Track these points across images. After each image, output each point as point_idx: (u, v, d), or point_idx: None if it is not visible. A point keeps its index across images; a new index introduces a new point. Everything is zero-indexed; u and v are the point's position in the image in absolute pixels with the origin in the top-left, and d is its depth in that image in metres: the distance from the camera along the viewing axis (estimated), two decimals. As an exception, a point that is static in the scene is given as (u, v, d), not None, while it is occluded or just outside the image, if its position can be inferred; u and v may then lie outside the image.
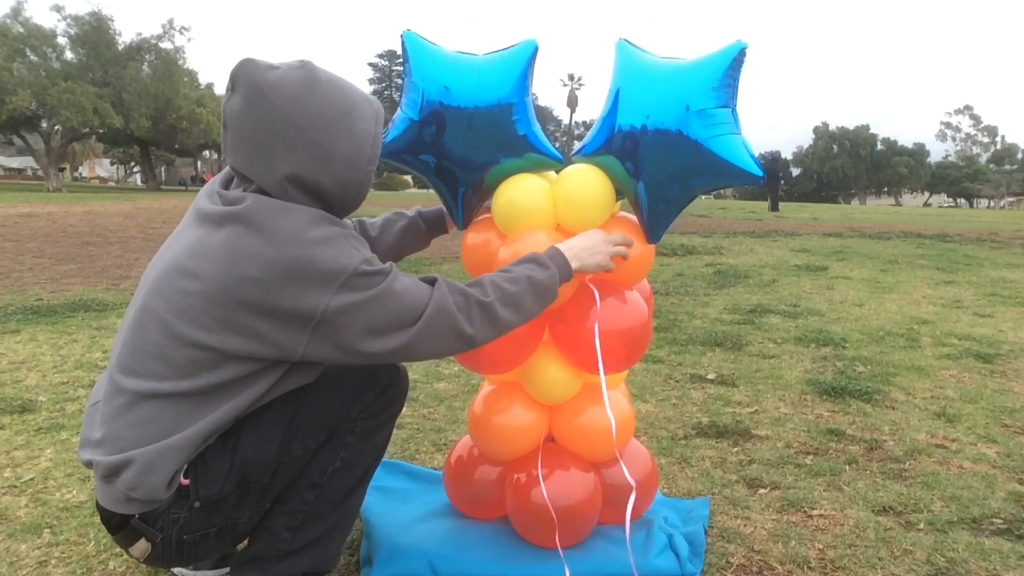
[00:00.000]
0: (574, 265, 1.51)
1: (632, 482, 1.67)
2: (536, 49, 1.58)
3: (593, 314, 1.62)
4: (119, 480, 1.29)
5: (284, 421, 1.38)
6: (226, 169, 1.40)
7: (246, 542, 1.51)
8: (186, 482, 1.33)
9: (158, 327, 1.29)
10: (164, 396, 1.29)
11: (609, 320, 1.64)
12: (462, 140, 1.59)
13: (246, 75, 1.26)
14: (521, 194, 1.65)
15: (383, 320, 1.29)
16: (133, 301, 1.38)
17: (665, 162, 1.53)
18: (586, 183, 1.65)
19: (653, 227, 1.64)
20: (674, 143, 1.49)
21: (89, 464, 1.34)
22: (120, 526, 1.36)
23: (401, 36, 1.61)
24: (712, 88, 1.47)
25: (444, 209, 1.80)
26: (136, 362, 1.31)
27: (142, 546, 1.37)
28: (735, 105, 1.50)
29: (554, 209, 1.66)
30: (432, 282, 1.37)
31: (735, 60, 1.47)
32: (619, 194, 1.68)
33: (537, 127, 1.62)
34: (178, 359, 1.28)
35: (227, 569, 1.67)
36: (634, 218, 1.69)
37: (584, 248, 1.54)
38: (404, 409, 1.70)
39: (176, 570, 1.68)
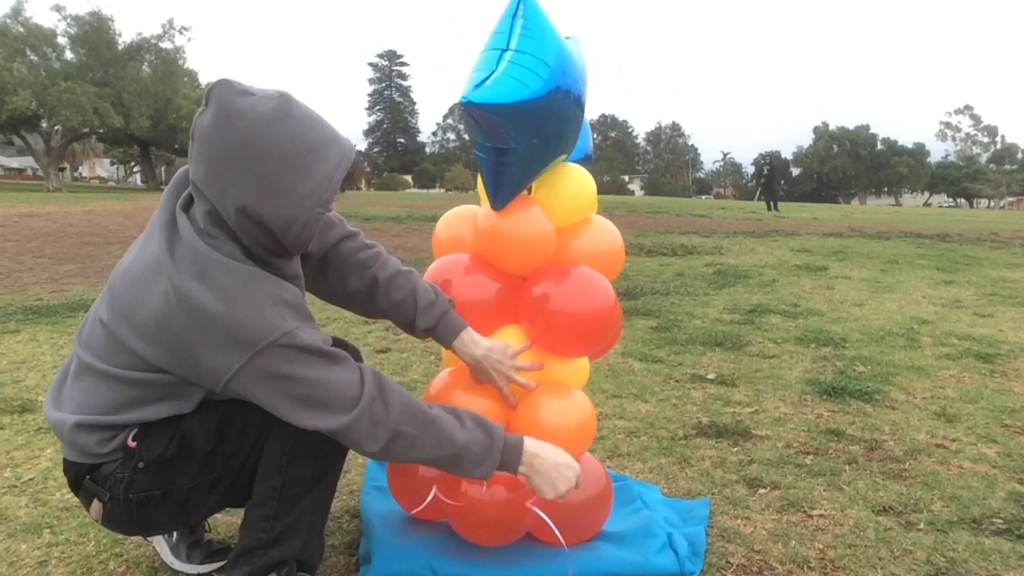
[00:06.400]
0: (522, 471, 1.48)
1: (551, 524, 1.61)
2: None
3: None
4: (64, 434, 1.43)
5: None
6: (184, 173, 1.41)
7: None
8: (133, 444, 1.43)
9: (106, 328, 1.39)
10: (105, 376, 1.40)
11: (562, 302, 1.67)
12: (565, 125, 1.59)
13: (219, 95, 1.28)
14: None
15: (296, 399, 1.33)
16: (108, 286, 1.45)
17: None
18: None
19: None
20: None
21: (49, 419, 1.47)
22: (76, 486, 1.49)
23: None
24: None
25: (459, 329, 1.63)
26: (93, 342, 1.43)
27: (96, 506, 1.47)
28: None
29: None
30: (362, 379, 1.36)
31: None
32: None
33: None
34: (120, 356, 1.38)
35: (218, 564, 1.69)
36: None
37: (552, 470, 1.49)
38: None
39: (169, 560, 1.70)
